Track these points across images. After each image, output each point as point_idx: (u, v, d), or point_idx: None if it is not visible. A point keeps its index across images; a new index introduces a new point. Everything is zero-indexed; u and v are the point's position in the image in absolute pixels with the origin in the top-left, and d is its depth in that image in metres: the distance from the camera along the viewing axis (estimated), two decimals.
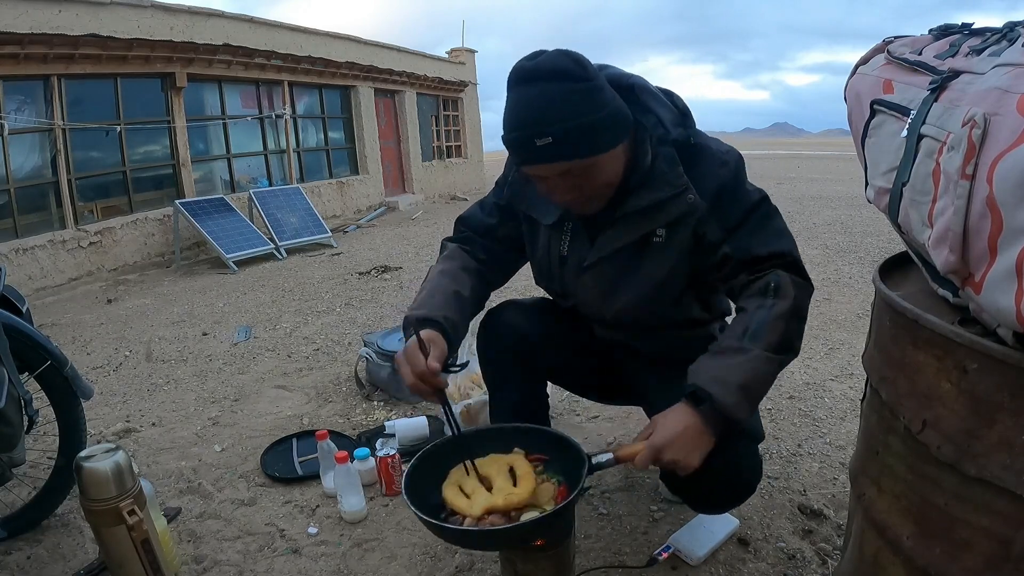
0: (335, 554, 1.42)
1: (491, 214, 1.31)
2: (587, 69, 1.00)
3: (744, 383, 0.98)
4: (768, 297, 1.04)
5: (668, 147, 1.09)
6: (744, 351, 1.00)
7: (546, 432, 1.17)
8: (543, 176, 1.05)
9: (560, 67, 0.99)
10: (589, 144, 1.00)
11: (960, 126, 0.58)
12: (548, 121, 0.97)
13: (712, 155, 1.11)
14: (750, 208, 1.10)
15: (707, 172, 1.10)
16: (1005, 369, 0.58)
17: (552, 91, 0.98)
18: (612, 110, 1.02)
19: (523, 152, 1.02)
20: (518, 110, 1.00)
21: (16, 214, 5.14)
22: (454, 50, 12.45)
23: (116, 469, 1.17)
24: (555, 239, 1.22)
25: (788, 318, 1.03)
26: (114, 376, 2.83)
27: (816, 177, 12.15)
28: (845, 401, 2.07)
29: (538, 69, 0.99)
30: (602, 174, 1.05)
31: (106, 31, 5.46)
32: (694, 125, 1.14)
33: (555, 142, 0.98)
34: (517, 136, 1.01)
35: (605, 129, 1.01)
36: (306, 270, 5.23)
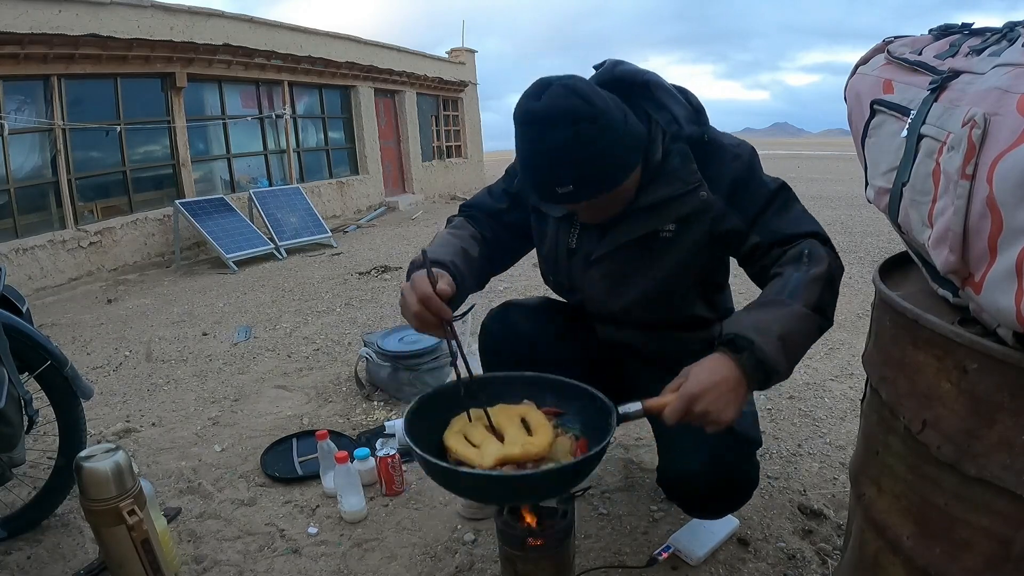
0: (335, 554, 1.42)
1: (500, 200, 1.30)
2: (594, 103, 0.97)
3: (784, 334, 0.91)
4: (803, 262, 1.01)
5: (682, 143, 1.09)
6: (784, 304, 0.95)
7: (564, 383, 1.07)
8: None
9: (567, 109, 0.96)
10: (609, 180, 1.02)
11: (960, 126, 0.58)
12: (565, 170, 0.98)
13: (725, 150, 1.11)
14: (770, 196, 1.09)
15: (721, 168, 1.10)
16: (1005, 369, 0.58)
17: (564, 138, 0.96)
18: (625, 140, 1.01)
19: (544, 195, 1.04)
20: (533, 159, 1.01)
21: (16, 214, 5.14)
22: (454, 50, 12.45)
23: (116, 469, 1.17)
24: (563, 232, 1.22)
25: (823, 283, 0.98)
26: (114, 376, 2.83)
27: (816, 177, 12.15)
28: (845, 401, 2.07)
29: (546, 115, 0.97)
30: (622, 195, 1.08)
31: (106, 31, 5.46)
32: (708, 122, 1.14)
33: (575, 189, 0.99)
34: (536, 183, 1.03)
35: (622, 162, 1.03)
36: (306, 270, 5.23)
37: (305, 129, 8.63)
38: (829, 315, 1.00)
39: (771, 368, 0.90)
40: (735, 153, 1.11)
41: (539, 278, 1.37)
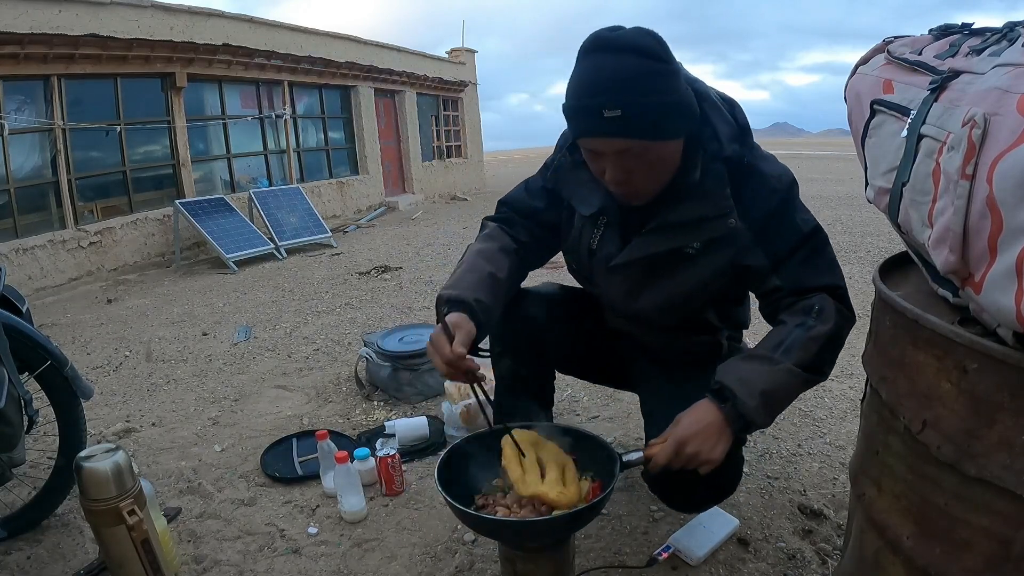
0: (335, 554, 1.42)
1: (537, 197, 1.28)
2: (668, 52, 0.97)
3: (766, 390, 0.98)
4: (810, 317, 1.03)
5: (719, 164, 1.06)
6: (773, 362, 1.00)
7: (575, 431, 1.18)
8: (600, 152, 1.01)
9: (642, 43, 0.95)
10: (656, 127, 0.97)
11: (960, 126, 0.58)
12: (621, 92, 0.93)
13: (763, 179, 1.08)
14: (801, 239, 1.08)
15: (756, 197, 1.07)
16: (1005, 369, 0.58)
17: (630, 64, 0.94)
18: (684, 98, 0.99)
19: (587, 122, 0.98)
20: (590, 76, 0.96)
21: (16, 214, 5.14)
22: (454, 50, 12.45)
23: (116, 469, 1.17)
24: (587, 231, 1.21)
25: (824, 341, 1.02)
26: (114, 376, 2.83)
27: (816, 177, 12.15)
28: (845, 401, 2.07)
29: (619, 40, 0.96)
30: (658, 164, 1.02)
31: (106, 31, 5.46)
32: (752, 141, 1.11)
33: (623, 116, 0.94)
34: (585, 104, 0.97)
35: (674, 116, 0.99)
36: (306, 270, 5.23)
37: (305, 129, 8.64)
38: (825, 371, 1.05)
39: (749, 421, 0.98)
40: (773, 186, 1.08)
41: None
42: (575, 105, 0.99)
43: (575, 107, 0.99)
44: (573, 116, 1.01)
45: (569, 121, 1.03)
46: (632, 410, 2.03)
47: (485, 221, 1.33)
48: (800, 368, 1.00)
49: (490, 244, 1.23)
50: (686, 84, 1.01)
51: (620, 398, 2.13)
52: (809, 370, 1.01)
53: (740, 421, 0.98)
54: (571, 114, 1.01)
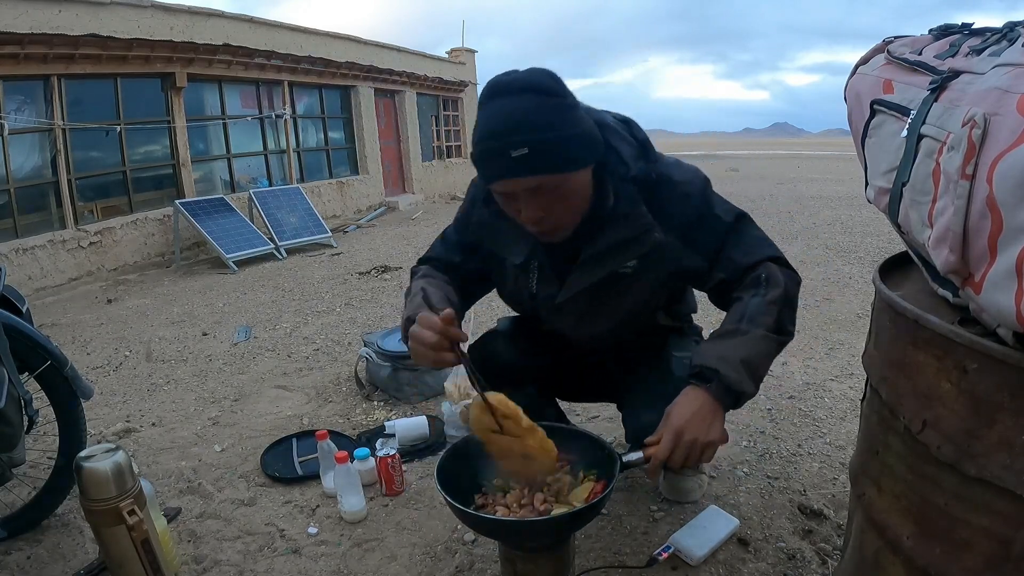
0: (335, 554, 1.42)
1: (454, 251, 1.30)
2: (564, 87, 1.01)
3: (746, 358, 1.00)
4: (760, 287, 1.07)
5: (629, 184, 1.10)
6: (743, 332, 1.03)
7: (575, 431, 1.20)
8: (513, 193, 1.03)
9: (537, 81, 1.00)
10: (564, 159, 1.00)
11: (960, 126, 0.58)
12: (525, 131, 0.96)
13: (675, 187, 1.12)
14: (728, 230, 1.12)
15: (674, 206, 1.11)
16: (1005, 369, 0.58)
17: (529, 103, 0.98)
18: (586, 129, 1.03)
19: (496, 164, 1.00)
20: (493, 121, 0.99)
21: (16, 214, 5.14)
22: (454, 50, 12.45)
23: (116, 469, 1.17)
24: (522, 278, 1.23)
25: (781, 303, 1.06)
26: (114, 376, 2.83)
27: (816, 177, 12.15)
28: (845, 401, 2.07)
29: (515, 82, 1.00)
30: (571, 196, 1.04)
31: (106, 31, 5.46)
32: (654, 154, 1.15)
33: (531, 153, 0.96)
34: (491, 146, 0.99)
35: (579, 146, 1.02)
36: (306, 270, 5.23)
37: (305, 129, 8.63)
38: (789, 330, 1.08)
39: (738, 391, 1.00)
40: (686, 191, 1.12)
41: None
42: (482, 151, 1.01)
43: (482, 152, 1.01)
44: (482, 162, 1.03)
45: (479, 168, 1.05)
46: None
47: (414, 269, 1.33)
48: (768, 331, 1.03)
49: (431, 278, 1.25)
50: (585, 115, 1.04)
51: None
52: (777, 332, 1.04)
53: (729, 395, 1.00)
54: (480, 160, 1.03)
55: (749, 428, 1.88)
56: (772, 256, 1.12)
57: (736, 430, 1.85)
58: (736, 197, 4.65)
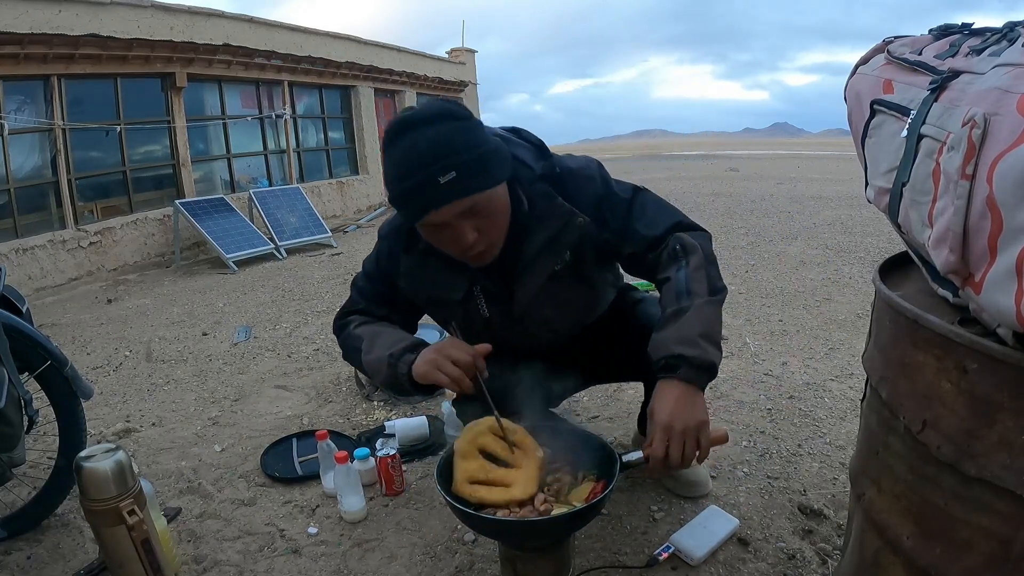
0: (335, 554, 1.42)
1: (376, 304, 1.28)
2: (466, 110, 1.05)
3: (701, 332, 1.03)
4: (679, 259, 1.11)
5: (539, 183, 1.14)
6: (686, 309, 1.06)
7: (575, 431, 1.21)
8: (444, 222, 1.02)
9: (442, 109, 1.02)
10: (490, 174, 1.02)
11: (960, 126, 0.58)
12: (448, 155, 0.98)
13: (576, 174, 1.17)
14: (628, 204, 1.17)
15: (581, 192, 1.15)
16: (1005, 369, 0.58)
17: (442, 129, 0.99)
18: (498, 144, 1.06)
19: (425, 195, 0.99)
20: (410, 155, 0.99)
21: (16, 214, 5.14)
22: (454, 50, 12.46)
23: (116, 469, 1.17)
24: (472, 309, 1.23)
25: (705, 267, 1.10)
26: (114, 376, 2.83)
27: (816, 177, 12.15)
28: (845, 401, 2.06)
29: (422, 114, 1.01)
30: (498, 212, 1.07)
31: (106, 31, 5.46)
32: (549, 152, 1.19)
33: (459, 176, 0.98)
34: (417, 180, 0.99)
35: (497, 161, 1.04)
36: (306, 270, 5.23)
37: (305, 129, 8.64)
38: (722, 286, 1.12)
39: (708, 365, 1.02)
40: (587, 175, 1.17)
41: None
42: (407, 187, 1.00)
43: (408, 188, 1.00)
44: (409, 197, 1.02)
45: (404, 205, 1.04)
46: (632, 410, 2.03)
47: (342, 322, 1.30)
48: (709, 296, 1.07)
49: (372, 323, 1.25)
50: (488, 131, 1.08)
51: (620, 398, 2.13)
52: (713, 294, 1.08)
53: (701, 373, 1.01)
54: (406, 196, 1.02)
55: (749, 428, 1.87)
56: (675, 222, 1.17)
57: (736, 430, 1.85)
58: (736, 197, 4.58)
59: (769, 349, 2.58)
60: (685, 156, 27.64)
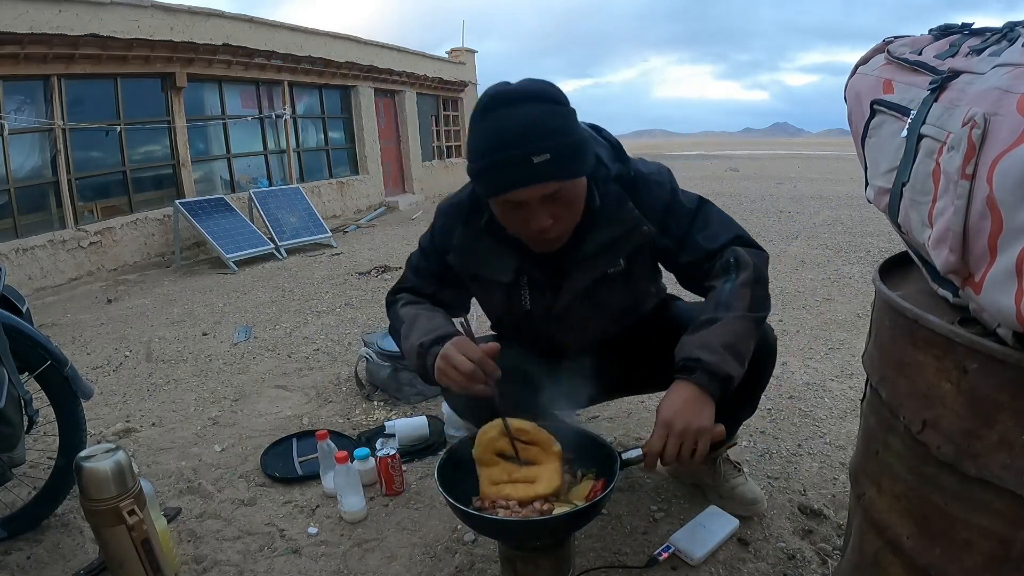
0: (335, 554, 1.42)
1: (426, 280, 1.28)
2: (565, 96, 1.04)
3: (726, 343, 1.02)
4: (730, 272, 1.10)
5: (613, 184, 1.13)
6: (718, 319, 1.05)
7: (575, 430, 1.20)
8: (524, 202, 1.01)
9: (544, 90, 1.02)
10: (579, 163, 1.03)
11: (960, 126, 0.58)
12: (545, 137, 0.97)
13: (649, 180, 1.17)
14: (693, 215, 1.16)
15: (651, 198, 1.15)
16: (1005, 369, 0.58)
17: (544, 110, 0.99)
18: (586, 136, 1.06)
19: (515, 172, 0.98)
20: (506, 130, 0.98)
21: (16, 214, 5.14)
22: (454, 50, 12.46)
23: (116, 469, 1.17)
24: (514, 296, 1.22)
25: (752, 285, 1.08)
26: (114, 376, 2.83)
27: (816, 177, 12.15)
28: (845, 401, 2.07)
29: (521, 92, 1.01)
30: (577, 201, 1.07)
31: (106, 31, 5.46)
32: (626, 155, 1.19)
33: (552, 158, 0.97)
34: (509, 155, 0.98)
35: (586, 152, 1.05)
36: (306, 270, 5.23)
37: (305, 129, 8.64)
38: (765, 307, 1.10)
39: (724, 375, 1.00)
40: (658, 181, 1.17)
41: None
42: (499, 159, 0.99)
43: (500, 160, 0.99)
44: (497, 171, 1.00)
45: (490, 176, 1.02)
46: (632, 410, 2.03)
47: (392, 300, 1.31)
48: (745, 312, 1.05)
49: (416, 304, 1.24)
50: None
51: (620, 398, 2.13)
52: (752, 311, 1.07)
53: (714, 380, 1.00)
54: (495, 168, 1.00)
55: (749, 428, 1.87)
56: (735, 236, 1.15)
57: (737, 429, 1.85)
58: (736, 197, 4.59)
59: None
60: (685, 156, 27.64)
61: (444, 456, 1.14)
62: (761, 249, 1.16)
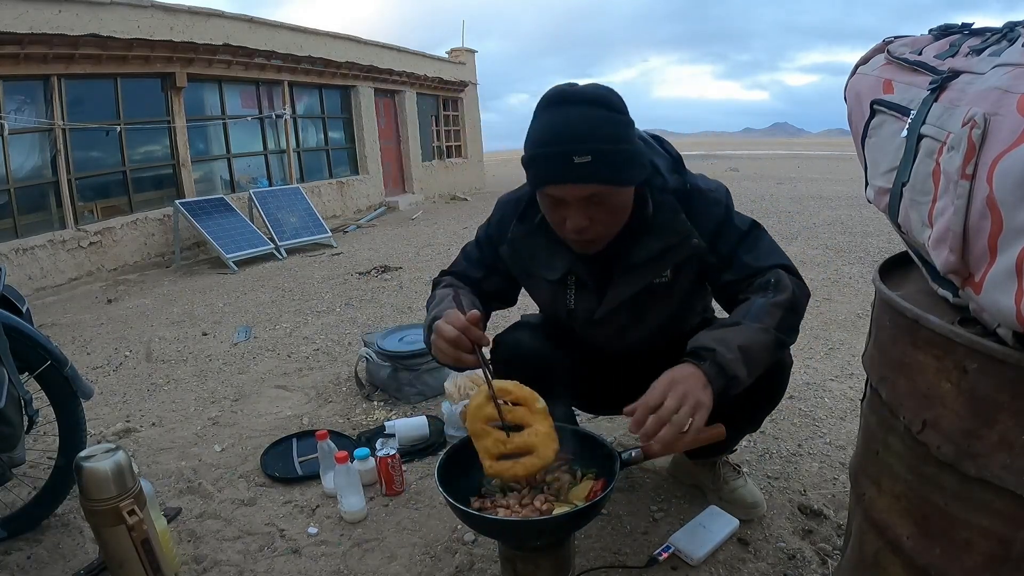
0: (335, 554, 1.42)
1: (475, 267, 1.31)
2: (625, 105, 1.05)
3: (743, 345, 1.00)
4: (768, 290, 1.09)
5: (668, 195, 1.14)
6: (743, 325, 1.04)
7: (575, 430, 1.20)
8: (564, 199, 1.04)
9: (603, 96, 1.03)
10: (621, 173, 1.03)
11: (960, 126, 0.58)
12: (591, 140, 0.99)
13: (705, 195, 1.17)
14: (743, 235, 1.16)
15: (705, 213, 1.15)
16: (1005, 369, 0.58)
17: (596, 114, 1.01)
18: (641, 148, 1.07)
19: (556, 168, 1.01)
20: (557, 126, 1.01)
21: (16, 214, 5.14)
22: (454, 50, 12.45)
23: (116, 469, 1.17)
24: (560, 294, 1.24)
25: (785, 307, 1.07)
26: (114, 376, 2.83)
27: (816, 177, 12.15)
28: (845, 401, 2.07)
29: (582, 93, 1.03)
30: (618, 210, 1.07)
31: (106, 31, 5.46)
32: (684, 168, 1.20)
33: (594, 161, 0.99)
34: (553, 151, 1.01)
35: (635, 164, 1.05)
36: (306, 270, 5.23)
37: (305, 129, 8.64)
38: (790, 334, 1.08)
39: (731, 374, 0.98)
40: (715, 198, 1.17)
41: None
42: (544, 153, 1.02)
43: (544, 155, 1.02)
44: (542, 163, 1.04)
45: (535, 168, 1.06)
46: None
47: (436, 280, 1.33)
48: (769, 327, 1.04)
49: (452, 287, 1.25)
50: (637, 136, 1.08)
51: None
52: (777, 329, 1.05)
53: (721, 375, 0.97)
54: (539, 162, 1.04)
55: None
56: (782, 263, 1.14)
57: None
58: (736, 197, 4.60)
59: None
60: (685, 156, 27.48)
61: (444, 456, 1.14)
62: (805, 283, 1.14)
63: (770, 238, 1.20)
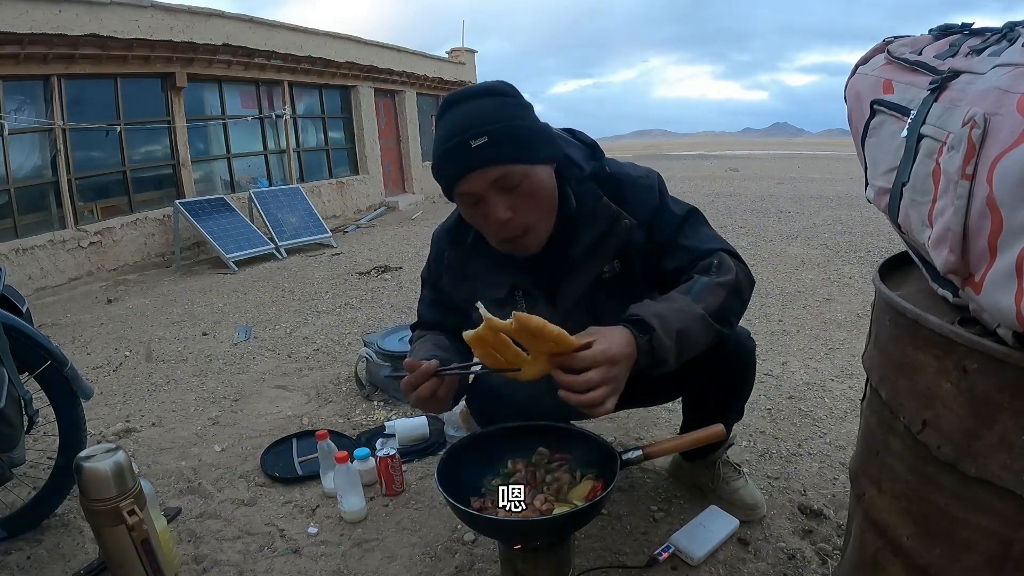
0: (335, 554, 1.42)
1: (433, 311, 1.29)
2: (518, 91, 1.04)
3: (681, 331, 0.96)
4: (711, 271, 1.06)
5: (588, 183, 1.12)
6: (686, 304, 1.00)
7: (575, 430, 1.19)
8: (477, 192, 1.00)
9: (491, 86, 1.03)
10: (524, 148, 1.00)
11: (960, 126, 0.58)
12: (483, 123, 0.98)
13: (636, 184, 1.14)
14: (681, 221, 1.13)
15: (636, 198, 1.12)
16: (1005, 369, 0.58)
17: (487, 102, 1.01)
18: (542, 125, 1.05)
19: (457, 160, 0.99)
20: (449, 125, 1.01)
21: (16, 214, 5.14)
22: (454, 50, 12.45)
23: (116, 469, 1.17)
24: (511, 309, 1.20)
25: (728, 289, 1.04)
26: (114, 376, 2.83)
27: (816, 177, 12.15)
28: (845, 401, 2.07)
29: (471, 90, 1.03)
30: (536, 192, 1.03)
31: (106, 31, 5.46)
32: (602, 154, 1.17)
33: (491, 142, 0.97)
34: (450, 146, 0.99)
35: (538, 139, 1.03)
36: (306, 270, 5.23)
37: (305, 129, 8.64)
38: (732, 322, 1.06)
39: (660, 358, 0.95)
40: (646, 184, 1.15)
41: None
42: (441, 152, 1.01)
43: (442, 155, 1.01)
44: (443, 165, 1.02)
45: (441, 173, 1.04)
46: (631, 410, 2.03)
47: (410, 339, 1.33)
48: (709, 315, 1.00)
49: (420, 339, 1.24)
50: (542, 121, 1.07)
51: None
52: (717, 319, 1.01)
53: (650, 356, 0.94)
54: (440, 165, 1.03)
55: (749, 428, 1.87)
56: (724, 247, 1.12)
57: (736, 430, 1.85)
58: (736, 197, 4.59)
59: (769, 349, 2.58)
60: (685, 156, 27.64)
61: (444, 456, 1.14)
62: (749, 269, 1.12)
63: (709, 226, 1.17)
